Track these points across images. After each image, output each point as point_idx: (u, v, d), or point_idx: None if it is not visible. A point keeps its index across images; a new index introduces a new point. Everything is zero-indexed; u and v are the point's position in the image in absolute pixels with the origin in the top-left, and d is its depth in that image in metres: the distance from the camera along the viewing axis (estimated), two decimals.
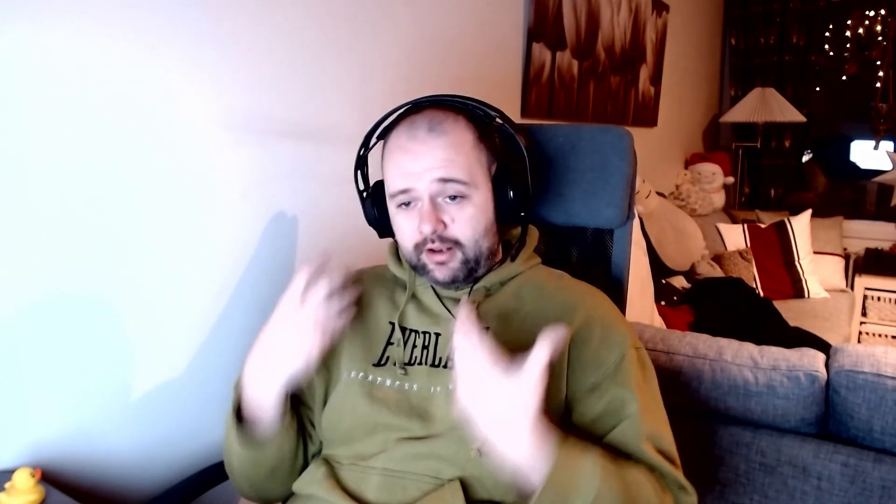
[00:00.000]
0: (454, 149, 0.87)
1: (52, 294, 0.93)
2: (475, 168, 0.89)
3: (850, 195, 4.95)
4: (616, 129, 1.13)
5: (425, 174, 0.86)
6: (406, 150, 0.88)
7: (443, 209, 0.88)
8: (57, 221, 0.92)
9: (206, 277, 1.14)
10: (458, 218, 0.88)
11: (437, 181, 0.86)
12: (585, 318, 0.90)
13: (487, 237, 0.91)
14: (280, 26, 1.21)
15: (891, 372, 1.26)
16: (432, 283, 0.93)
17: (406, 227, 0.90)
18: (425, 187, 0.87)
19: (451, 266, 0.89)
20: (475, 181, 0.89)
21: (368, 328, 0.96)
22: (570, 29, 2.30)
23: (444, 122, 0.89)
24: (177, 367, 1.11)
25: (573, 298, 0.94)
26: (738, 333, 1.61)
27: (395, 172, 0.89)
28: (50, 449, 0.95)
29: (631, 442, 0.84)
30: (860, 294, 3.50)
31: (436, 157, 0.86)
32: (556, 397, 0.86)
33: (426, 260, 0.90)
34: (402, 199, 0.89)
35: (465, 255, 0.89)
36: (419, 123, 0.88)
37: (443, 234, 0.87)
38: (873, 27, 4.44)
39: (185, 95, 1.06)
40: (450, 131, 0.88)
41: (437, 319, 0.94)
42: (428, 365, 0.91)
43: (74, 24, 0.91)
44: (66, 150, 0.92)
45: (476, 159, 0.90)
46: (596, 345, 0.89)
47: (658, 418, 0.88)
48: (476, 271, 0.91)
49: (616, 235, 1.16)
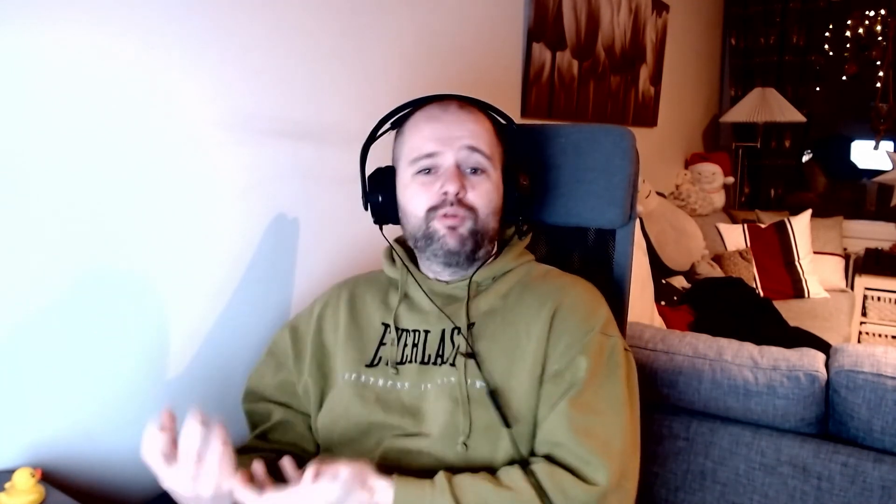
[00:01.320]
0: (481, 125, 0.95)
1: (51, 294, 0.93)
2: (495, 151, 0.96)
3: (850, 195, 4.95)
4: (618, 129, 1.13)
5: (455, 140, 0.91)
6: (437, 119, 0.93)
7: (465, 176, 0.92)
8: (57, 221, 0.92)
9: (205, 277, 1.14)
10: (477, 188, 0.92)
11: (465, 148, 0.91)
12: (563, 305, 0.91)
13: (494, 218, 0.95)
14: (280, 26, 1.21)
15: (891, 372, 1.26)
16: (438, 254, 0.92)
17: (423, 193, 0.92)
18: (454, 152, 0.91)
19: (461, 232, 0.91)
20: (494, 160, 0.95)
21: (362, 330, 0.98)
22: (570, 29, 2.30)
23: (472, 107, 0.96)
24: (177, 367, 1.11)
25: (554, 288, 0.94)
26: (738, 333, 1.61)
27: (424, 136, 0.93)
28: (50, 449, 0.95)
29: (559, 422, 0.82)
30: (860, 294, 3.50)
31: (465, 127, 0.93)
32: (532, 388, 0.87)
33: (437, 226, 0.91)
34: (425, 164, 0.92)
35: (476, 226, 0.92)
36: (449, 102, 0.95)
37: (462, 198, 0.91)
38: (873, 27, 4.44)
39: (185, 95, 1.06)
40: (477, 114, 0.96)
41: (426, 317, 0.95)
42: (418, 362, 0.92)
43: (74, 23, 0.91)
44: (66, 150, 0.92)
45: (495, 146, 0.96)
46: (569, 332, 0.89)
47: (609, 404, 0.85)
48: (478, 251, 0.93)
49: (618, 236, 1.16)
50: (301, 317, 1.05)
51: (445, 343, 0.92)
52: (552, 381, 0.87)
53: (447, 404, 0.87)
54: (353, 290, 1.03)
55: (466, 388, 0.87)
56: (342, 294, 1.03)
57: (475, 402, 0.86)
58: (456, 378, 0.88)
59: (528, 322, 0.90)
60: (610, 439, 0.83)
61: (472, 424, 0.85)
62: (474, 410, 0.86)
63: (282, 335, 1.04)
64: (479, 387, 0.87)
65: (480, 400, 0.86)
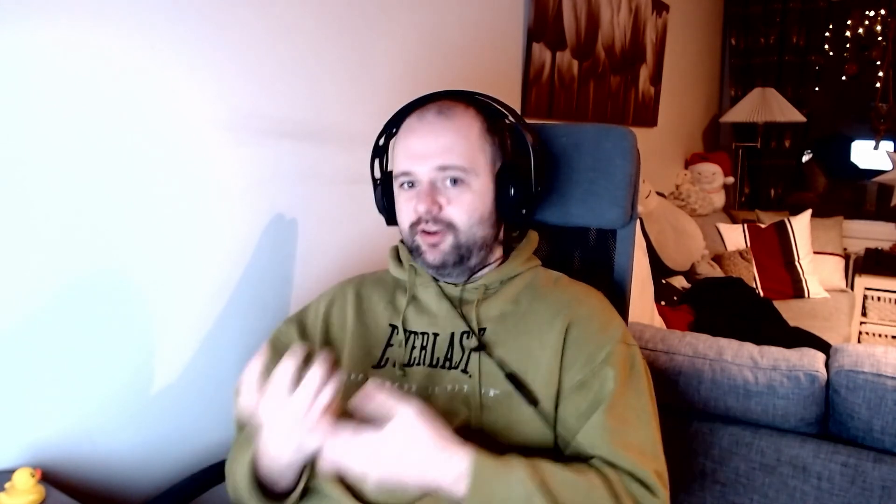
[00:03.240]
0: (458, 133, 0.91)
1: (51, 294, 0.93)
2: (478, 156, 0.92)
3: (850, 195, 4.94)
4: (619, 129, 1.13)
5: (427, 160, 0.90)
6: (413, 131, 0.93)
7: (440, 192, 0.91)
8: (57, 221, 0.92)
9: (205, 277, 1.14)
10: (454, 201, 0.91)
11: (435, 168, 0.90)
12: (578, 316, 0.91)
13: (483, 226, 0.93)
14: (280, 26, 1.21)
15: (891, 372, 1.26)
16: (424, 266, 0.94)
17: (405, 207, 0.93)
18: (425, 172, 0.90)
19: (442, 248, 0.91)
20: (476, 168, 0.91)
21: (369, 331, 0.97)
22: (570, 29, 2.30)
23: (454, 108, 0.93)
24: (176, 368, 1.11)
25: (567, 298, 0.94)
26: (738, 333, 1.60)
27: (401, 154, 0.93)
28: (50, 449, 0.95)
29: (596, 436, 0.83)
30: (860, 294, 3.50)
31: (438, 141, 0.90)
32: (547, 396, 0.87)
33: (420, 241, 0.92)
34: (404, 180, 0.93)
35: (458, 240, 0.91)
36: (430, 108, 0.94)
37: (437, 215, 0.90)
38: (873, 27, 4.44)
39: (186, 95, 1.06)
40: (457, 117, 0.92)
41: (435, 319, 0.94)
42: (426, 365, 0.92)
43: (74, 23, 0.91)
44: (66, 150, 0.92)
45: (480, 149, 0.93)
46: (587, 342, 0.89)
47: (638, 415, 0.87)
48: (468, 259, 0.92)
49: (619, 236, 1.16)
50: (307, 313, 1.03)
51: (454, 347, 0.92)
52: (577, 392, 0.87)
53: (459, 410, 0.87)
54: (359, 289, 1.02)
55: (480, 396, 0.87)
56: (348, 292, 1.02)
57: (487, 410, 0.86)
58: (469, 385, 0.88)
59: (541, 331, 0.90)
60: (647, 449, 0.85)
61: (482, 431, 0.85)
62: (485, 417, 0.86)
63: (286, 329, 1.01)
64: (492, 395, 0.87)
65: (493, 407, 0.86)
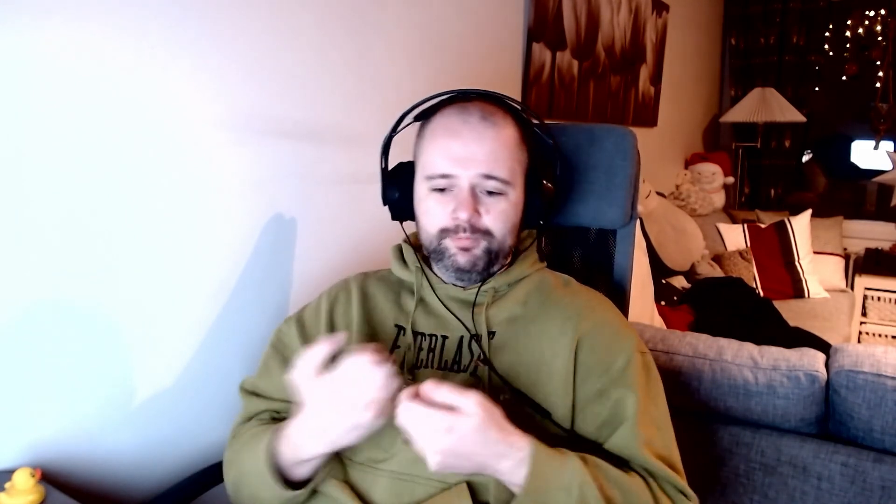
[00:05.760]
0: (501, 143, 0.89)
1: (51, 294, 0.93)
2: (515, 167, 0.91)
3: (850, 195, 4.94)
4: (619, 129, 1.13)
5: (471, 166, 0.87)
6: (456, 134, 0.89)
7: (479, 200, 0.89)
8: (56, 222, 0.92)
9: (205, 277, 1.14)
10: (493, 210, 0.89)
11: (480, 176, 0.88)
12: (591, 324, 0.91)
13: (512, 235, 0.93)
14: (280, 26, 1.21)
15: (891, 372, 1.26)
16: (448, 269, 0.92)
17: (437, 211, 0.90)
18: (469, 176, 0.88)
19: (475, 253, 0.89)
20: (514, 180, 0.90)
21: (374, 332, 0.96)
22: (570, 29, 2.30)
23: (496, 115, 0.91)
24: (176, 368, 1.11)
25: (579, 304, 0.94)
26: (738, 333, 1.60)
27: (439, 154, 0.89)
28: (50, 449, 0.95)
29: (630, 445, 0.84)
30: (860, 294, 3.50)
31: (483, 148, 0.88)
32: (562, 405, 0.87)
33: (448, 244, 0.90)
34: (439, 184, 0.89)
35: (491, 246, 0.90)
36: (472, 110, 0.90)
37: (476, 223, 0.88)
38: (873, 27, 4.43)
39: (185, 95, 1.06)
40: (500, 125, 0.90)
41: (443, 322, 0.94)
42: (436, 367, 0.91)
43: (74, 23, 0.91)
44: (65, 150, 0.92)
45: (517, 159, 0.92)
46: (602, 351, 0.89)
47: (660, 422, 0.88)
48: (493, 265, 0.92)
49: (619, 236, 1.16)
50: (307, 311, 1.01)
51: (463, 350, 0.91)
52: (596, 401, 0.87)
53: None
54: (363, 287, 1.00)
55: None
56: (353, 290, 0.99)
57: None
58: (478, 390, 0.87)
59: (551, 337, 0.90)
60: (673, 456, 0.86)
61: None
62: None
63: (287, 329, 1.00)
64: (502, 399, 0.86)
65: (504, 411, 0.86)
